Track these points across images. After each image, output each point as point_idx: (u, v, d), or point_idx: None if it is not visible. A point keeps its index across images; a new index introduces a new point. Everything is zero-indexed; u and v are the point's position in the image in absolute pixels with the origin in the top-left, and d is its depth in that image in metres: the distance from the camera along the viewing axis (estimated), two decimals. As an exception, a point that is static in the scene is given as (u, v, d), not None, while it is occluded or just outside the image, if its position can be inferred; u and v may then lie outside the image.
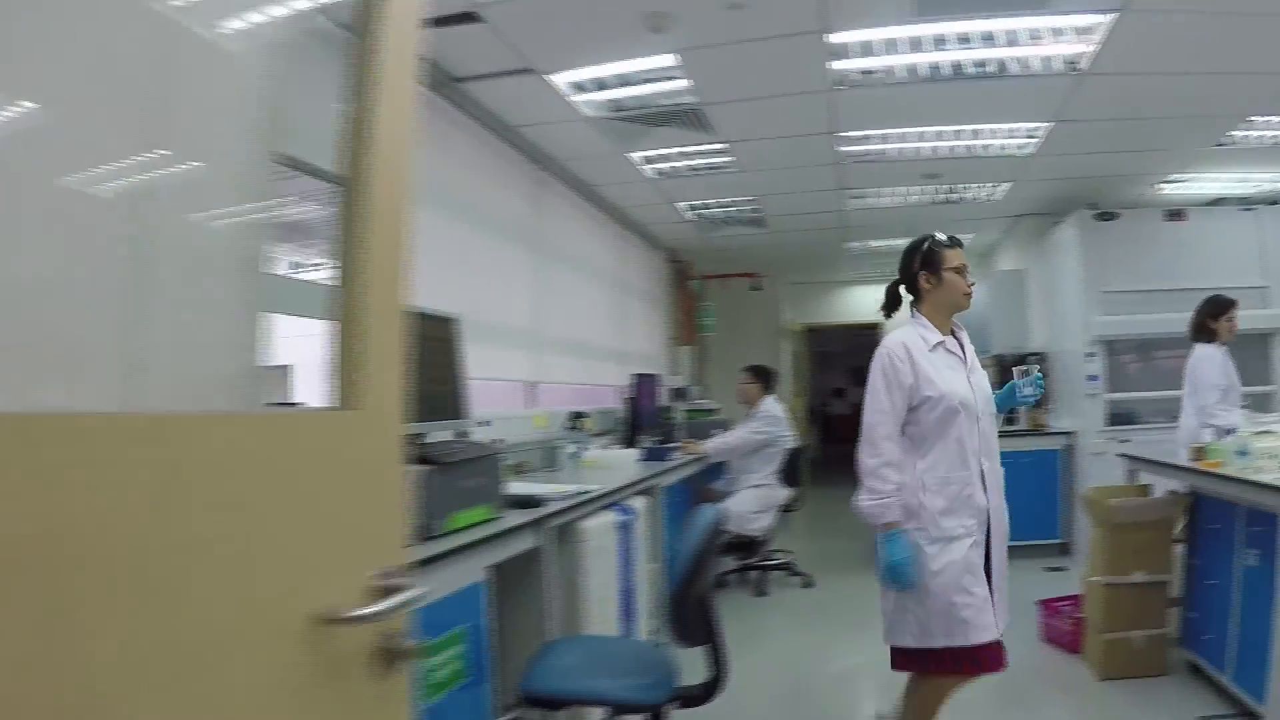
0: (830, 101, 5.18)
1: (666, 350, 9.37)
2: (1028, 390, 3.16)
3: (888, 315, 3.35)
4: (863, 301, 12.56)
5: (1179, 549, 4.49)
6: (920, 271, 3.11)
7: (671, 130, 5.63)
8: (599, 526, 3.92)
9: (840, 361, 17.93)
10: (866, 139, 5.98)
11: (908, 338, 3.05)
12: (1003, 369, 8.08)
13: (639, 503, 4.60)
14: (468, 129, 5.16)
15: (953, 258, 3.08)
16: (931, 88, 5.02)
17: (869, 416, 3.01)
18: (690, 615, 2.50)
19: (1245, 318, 6.79)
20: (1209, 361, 5.29)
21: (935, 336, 3.06)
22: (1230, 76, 4.94)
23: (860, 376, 3.57)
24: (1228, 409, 5.15)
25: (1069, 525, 7.21)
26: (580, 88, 4.96)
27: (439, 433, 3.27)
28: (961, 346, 3.15)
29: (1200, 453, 4.19)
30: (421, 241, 4.59)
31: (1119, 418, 6.99)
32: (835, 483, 10.01)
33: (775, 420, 6.58)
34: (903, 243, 3.33)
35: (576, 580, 3.74)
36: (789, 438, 6.67)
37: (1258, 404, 6.99)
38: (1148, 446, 6.23)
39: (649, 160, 6.34)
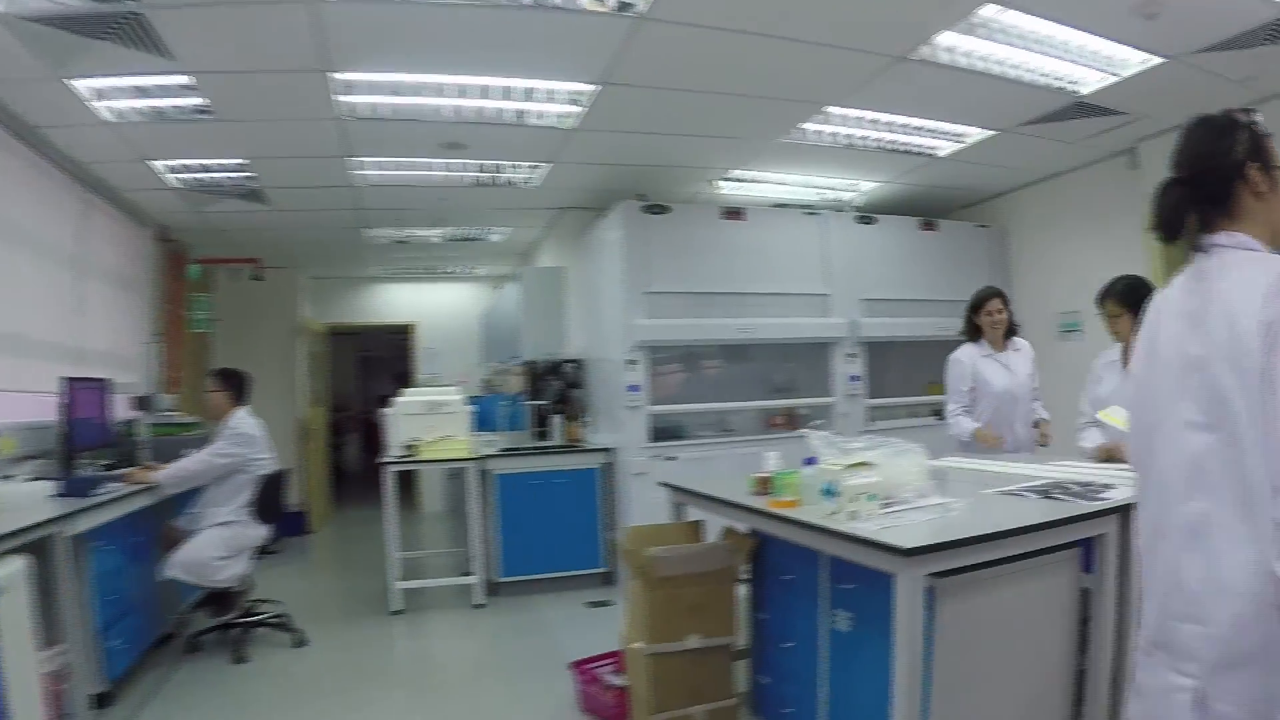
0: (313, 18, 3.93)
1: (148, 350, 7.60)
2: None
3: (1170, 238, 1.87)
4: (397, 300, 11.60)
5: (744, 591, 3.79)
6: (1248, 163, 1.77)
7: (116, 48, 4.09)
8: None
9: (385, 366, 16.81)
10: (373, 87, 4.81)
11: None
12: (535, 378, 7.32)
13: (11, 566, 3.11)
14: None
15: None
16: (447, 15, 3.97)
17: None
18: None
19: (804, 327, 6.68)
20: (954, 363, 5.04)
21: None
22: (814, 49, 4.45)
23: (407, 382, 2.34)
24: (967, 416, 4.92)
25: (612, 553, 6.54)
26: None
27: None
28: None
29: (764, 484, 3.43)
30: None
31: (663, 432, 6.46)
32: (372, 501, 8.77)
33: (245, 439, 5.27)
34: (435, 234, 2.12)
35: None
36: (265, 460, 5.38)
37: (812, 419, 6.82)
38: (695, 465, 5.74)
39: (100, 94, 4.72)
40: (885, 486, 2.90)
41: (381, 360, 16.49)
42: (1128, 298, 3.93)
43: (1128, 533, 2.83)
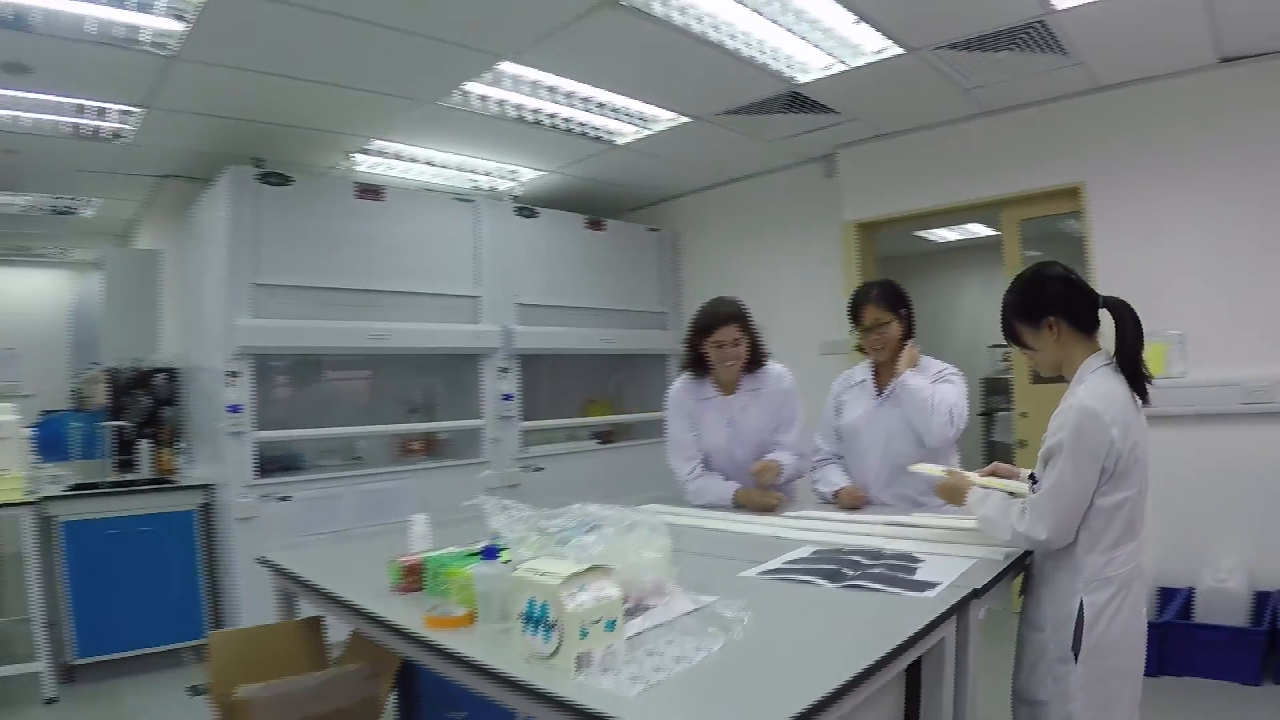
0: None
1: None
2: None
3: None
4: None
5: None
6: None
7: None
8: None
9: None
10: None
11: None
12: (118, 391, 5.84)
13: None
14: None
15: None
16: None
17: None
18: None
19: (451, 335, 5.77)
20: (670, 403, 3.67)
21: None
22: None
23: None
24: (702, 473, 3.58)
25: (222, 620, 5.17)
26: None
27: None
28: None
29: (413, 576, 2.21)
30: None
31: (275, 463, 5.19)
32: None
33: None
34: (14, 202, 0.97)
35: None
36: None
37: (458, 446, 5.85)
38: (316, 507, 4.69)
39: None
40: (622, 597, 1.70)
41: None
42: (893, 300, 3.25)
43: (965, 633, 2.03)
